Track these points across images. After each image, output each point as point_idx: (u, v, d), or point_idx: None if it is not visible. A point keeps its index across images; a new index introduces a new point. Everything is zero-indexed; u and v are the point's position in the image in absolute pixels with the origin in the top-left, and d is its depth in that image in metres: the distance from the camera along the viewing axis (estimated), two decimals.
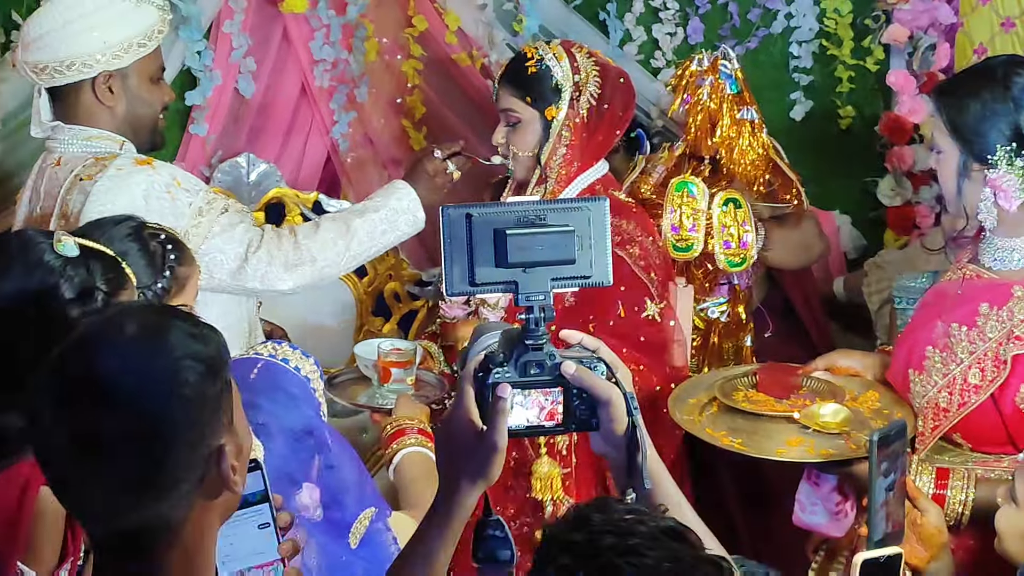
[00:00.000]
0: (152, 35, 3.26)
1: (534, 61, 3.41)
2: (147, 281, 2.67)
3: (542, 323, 1.80)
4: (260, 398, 2.24)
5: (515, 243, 1.78)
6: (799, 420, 2.94)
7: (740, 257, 3.49)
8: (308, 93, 4.46)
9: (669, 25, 4.50)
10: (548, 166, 3.43)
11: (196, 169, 4.37)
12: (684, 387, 3.21)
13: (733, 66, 3.52)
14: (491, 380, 1.78)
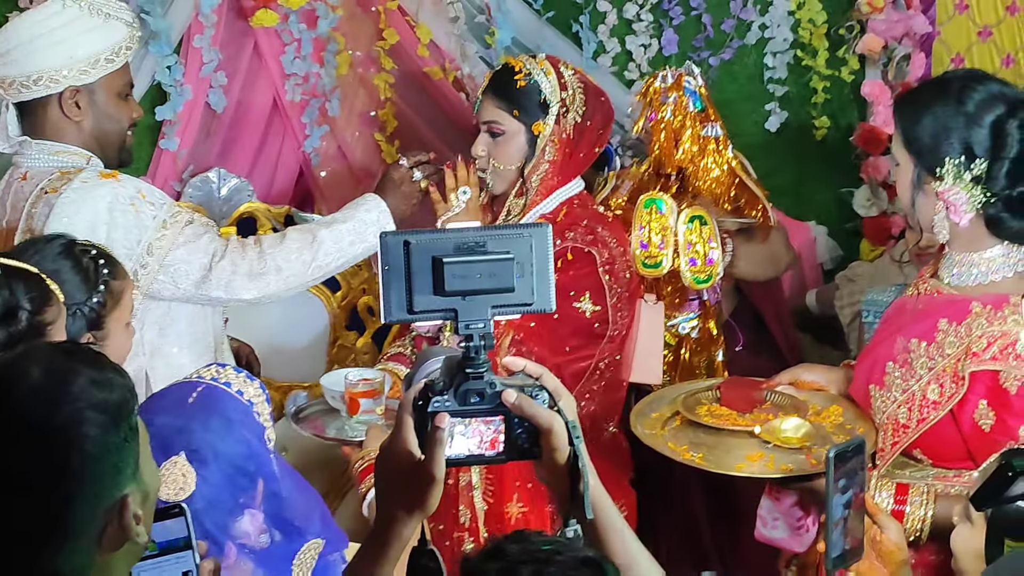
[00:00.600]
0: (120, 51, 3.29)
1: (523, 75, 3.45)
2: (82, 297, 2.72)
3: (482, 351, 1.79)
4: (195, 423, 2.23)
5: (453, 271, 1.78)
6: (760, 435, 2.96)
7: (706, 274, 3.51)
8: (280, 107, 4.49)
9: (643, 37, 4.54)
10: (529, 180, 3.47)
11: (167, 184, 4.40)
12: (647, 401, 3.24)
13: (697, 82, 3.55)
14: (430, 409, 1.78)
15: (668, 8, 4.50)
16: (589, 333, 3.43)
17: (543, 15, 4.48)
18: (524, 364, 1.85)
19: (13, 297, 2.35)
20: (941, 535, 2.67)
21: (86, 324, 2.75)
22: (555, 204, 3.49)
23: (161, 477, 2.11)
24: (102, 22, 3.25)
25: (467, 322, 1.79)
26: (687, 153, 3.54)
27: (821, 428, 2.99)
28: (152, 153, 4.42)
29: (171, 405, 2.29)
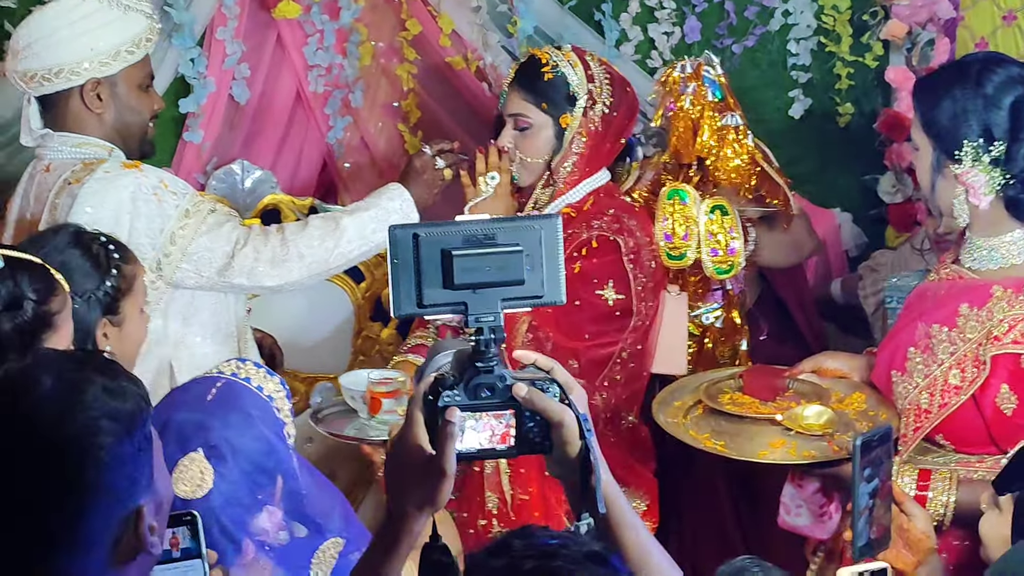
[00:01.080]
0: (140, 43, 3.34)
1: (550, 67, 3.50)
2: (94, 283, 2.77)
3: (493, 345, 1.80)
4: (214, 419, 2.24)
5: (462, 264, 1.78)
6: (782, 422, 3.01)
7: (728, 264, 3.54)
8: (303, 99, 4.51)
9: (666, 24, 4.53)
10: (557, 172, 3.53)
11: (191, 176, 4.43)
12: (670, 389, 3.30)
13: (716, 72, 3.57)
14: (441, 403, 1.78)
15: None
16: (610, 321, 3.47)
17: (565, 4, 4.48)
18: (536, 357, 1.86)
19: (18, 288, 2.39)
20: (964, 521, 2.72)
21: (101, 310, 2.80)
22: (582, 194, 3.55)
23: (178, 474, 2.17)
24: (122, 14, 3.31)
25: (477, 315, 1.80)
26: (706, 143, 3.56)
27: (844, 415, 3.04)
28: (176, 145, 4.45)
29: (191, 401, 2.30)
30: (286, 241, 3.33)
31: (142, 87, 3.40)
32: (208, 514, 2.16)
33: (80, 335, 2.73)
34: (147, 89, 3.43)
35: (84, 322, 2.75)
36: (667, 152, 3.70)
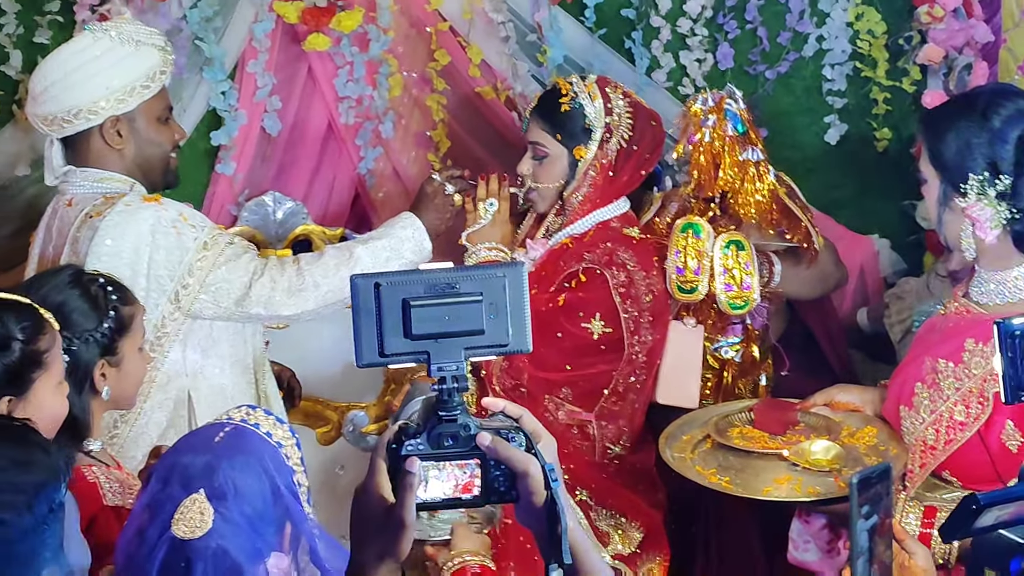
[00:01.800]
0: (154, 76, 3.45)
1: (568, 99, 3.58)
2: (92, 324, 2.85)
3: (455, 394, 1.79)
4: (219, 461, 2.26)
5: (421, 314, 1.79)
6: (789, 457, 3.04)
7: (742, 300, 3.57)
8: (334, 130, 4.59)
9: (698, 51, 4.55)
10: (569, 201, 3.60)
11: (224, 208, 4.56)
12: (679, 423, 3.34)
13: (739, 105, 3.60)
14: (402, 452, 1.78)
15: (723, 22, 4.52)
16: (596, 353, 3.53)
17: (595, 32, 4.52)
18: (504, 405, 1.86)
19: (4, 328, 2.43)
20: None
21: (99, 350, 2.87)
22: (589, 225, 3.61)
23: (179, 514, 2.21)
24: (134, 50, 3.41)
25: (439, 364, 1.80)
26: (727, 177, 3.58)
27: (853, 450, 3.07)
28: (209, 177, 4.56)
29: (198, 444, 2.34)
30: (302, 271, 3.44)
31: (161, 119, 3.51)
32: (206, 554, 2.20)
33: (79, 375, 2.81)
34: (166, 121, 3.53)
35: (82, 362, 2.83)
36: (690, 184, 3.72)
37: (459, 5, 4.44)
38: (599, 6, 4.52)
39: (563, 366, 3.51)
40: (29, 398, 2.46)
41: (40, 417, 2.45)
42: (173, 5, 4.27)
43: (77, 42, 3.45)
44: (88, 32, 3.44)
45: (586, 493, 3.51)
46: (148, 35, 3.46)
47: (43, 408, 2.50)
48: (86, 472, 2.78)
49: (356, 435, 4.58)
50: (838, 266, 3.93)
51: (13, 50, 4.37)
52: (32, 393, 2.47)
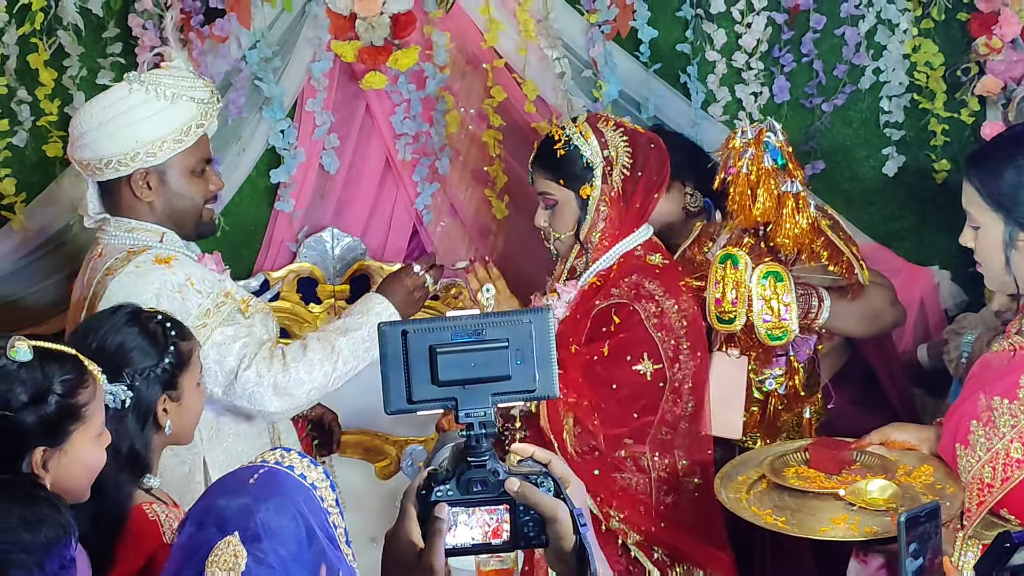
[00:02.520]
0: (189, 131, 3.47)
1: (562, 143, 3.63)
2: (152, 361, 2.93)
3: (484, 439, 1.84)
4: (254, 503, 2.28)
5: (447, 360, 1.83)
6: (845, 497, 3.08)
7: (780, 330, 3.59)
8: (392, 166, 4.69)
9: (754, 85, 4.60)
10: (588, 241, 3.66)
11: (283, 244, 4.67)
12: (734, 464, 3.38)
13: (778, 139, 3.62)
14: (432, 499, 1.82)
15: (778, 55, 4.57)
16: (654, 393, 3.57)
17: (650, 67, 4.60)
18: (532, 450, 1.92)
19: (45, 380, 2.45)
20: None
21: (161, 386, 2.94)
22: (614, 259, 3.66)
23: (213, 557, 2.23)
24: (168, 104, 3.44)
25: (467, 410, 1.84)
26: (763, 209, 3.60)
27: (910, 489, 3.10)
28: (268, 215, 4.67)
29: (232, 486, 2.36)
30: (288, 368, 3.44)
31: (195, 172, 3.53)
32: None
33: (142, 411, 2.89)
34: (201, 173, 3.55)
35: (144, 399, 2.90)
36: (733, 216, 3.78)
37: (514, 42, 4.53)
38: (654, 41, 4.59)
39: (629, 416, 3.55)
40: (65, 449, 2.48)
41: (76, 469, 2.51)
42: (232, 46, 4.38)
43: (113, 92, 3.49)
44: (125, 83, 3.48)
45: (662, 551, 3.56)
46: (188, 87, 3.48)
47: (80, 460, 2.52)
48: (147, 509, 2.82)
49: (415, 469, 4.62)
50: (895, 305, 3.93)
51: (77, 92, 4.48)
52: (69, 444, 2.49)
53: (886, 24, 4.54)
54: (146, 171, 3.46)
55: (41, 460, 2.42)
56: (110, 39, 4.49)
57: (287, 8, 4.44)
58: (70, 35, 4.45)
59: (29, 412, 2.42)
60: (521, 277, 3.96)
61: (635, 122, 4.41)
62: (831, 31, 4.56)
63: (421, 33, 4.48)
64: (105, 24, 4.48)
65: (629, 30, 4.56)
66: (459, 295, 4.68)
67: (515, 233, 4.67)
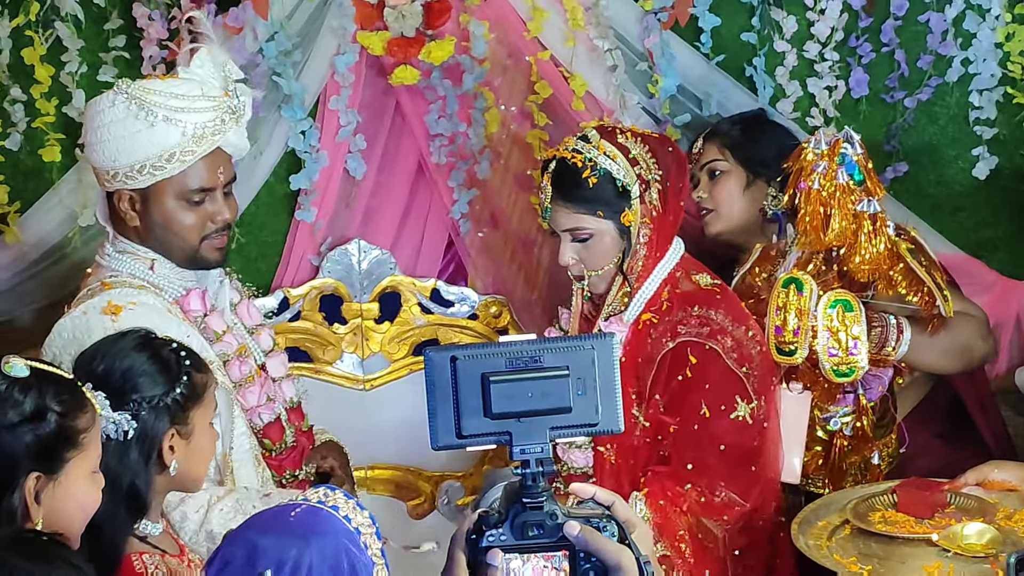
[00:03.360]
0: (171, 158, 3.27)
1: (589, 169, 3.45)
2: (162, 389, 2.82)
3: (541, 478, 1.77)
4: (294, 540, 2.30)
5: (502, 391, 1.76)
6: (939, 542, 3.00)
7: (847, 366, 3.44)
8: (425, 171, 4.59)
9: (828, 78, 4.45)
10: (631, 271, 3.51)
11: (304, 258, 4.57)
12: (814, 507, 3.30)
13: (856, 151, 3.46)
14: (483, 544, 1.76)
15: (856, 45, 4.42)
16: (760, 434, 3.46)
17: (712, 59, 4.45)
18: (594, 491, 1.83)
19: (42, 399, 2.41)
20: None
21: (169, 419, 2.83)
22: (657, 284, 3.52)
23: None
24: (146, 127, 3.25)
25: (522, 446, 1.77)
26: (839, 230, 3.44)
27: (1012, 533, 3.03)
28: (288, 225, 4.57)
29: (269, 521, 2.38)
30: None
31: (188, 201, 3.35)
32: None
33: (146, 445, 2.79)
34: (198, 203, 3.35)
35: (150, 431, 2.80)
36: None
37: (561, 32, 4.40)
38: (716, 30, 4.46)
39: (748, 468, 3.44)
40: (60, 480, 2.43)
41: (71, 506, 2.47)
42: (248, 38, 4.28)
43: (99, 100, 3.33)
44: (112, 92, 3.30)
45: None
46: (178, 109, 3.27)
47: (74, 495, 2.47)
48: (135, 561, 2.76)
49: (451, 508, 4.53)
50: (985, 339, 3.73)
51: (76, 90, 4.43)
52: (64, 475, 2.44)
53: (976, 10, 4.38)
54: (129, 192, 3.31)
55: (35, 488, 2.38)
56: (113, 31, 4.43)
57: None
58: (69, 27, 4.40)
59: (25, 430, 2.39)
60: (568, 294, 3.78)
61: (695, 119, 4.44)
62: (914, 18, 4.41)
63: (457, 23, 4.37)
64: (107, 15, 4.43)
65: (688, 18, 4.42)
66: (499, 314, 4.54)
67: None
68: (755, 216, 4.02)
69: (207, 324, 3.39)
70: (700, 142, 4.14)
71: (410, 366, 4.58)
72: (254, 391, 3.45)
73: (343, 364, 4.56)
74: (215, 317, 3.41)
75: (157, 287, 3.36)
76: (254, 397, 3.45)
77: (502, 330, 4.54)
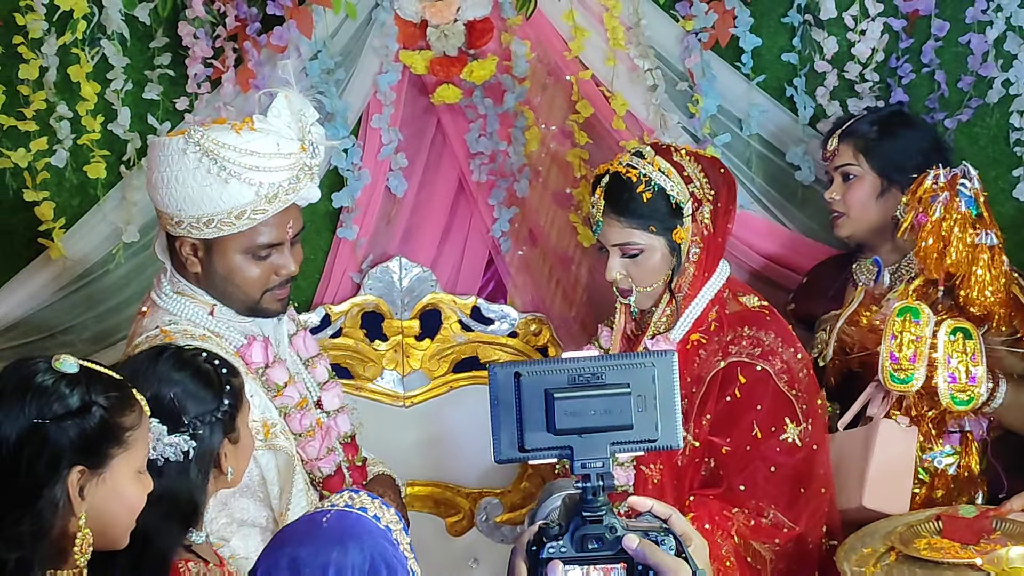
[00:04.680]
0: (243, 216, 3.24)
1: (643, 185, 3.51)
2: (213, 404, 2.86)
3: (601, 492, 1.83)
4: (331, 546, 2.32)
5: (565, 407, 1.83)
6: (983, 567, 3.02)
7: (968, 395, 3.51)
8: (465, 189, 4.62)
9: (868, 99, 4.46)
10: (679, 289, 3.55)
11: (345, 275, 4.60)
12: (859, 535, 3.32)
13: (973, 185, 3.55)
14: (543, 555, 1.82)
15: (896, 66, 4.44)
16: (810, 457, 3.50)
17: (753, 79, 4.48)
18: (651, 504, 1.89)
19: (89, 394, 2.43)
20: None
21: (222, 431, 2.88)
22: (704, 304, 3.58)
23: None
24: (219, 183, 3.20)
25: (583, 460, 1.83)
26: (956, 260, 3.54)
27: None
28: (330, 242, 4.61)
29: (303, 530, 2.40)
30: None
31: (255, 256, 3.33)
32: None
33: (206, 460, 2.83)
34: (264, 258, 3.33)
35: (208, 445, 2.84)
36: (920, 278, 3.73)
37: (602, 52, 4.43)
38: (757, 50, 4.49)
39: (798, 491, 3.48)
40: (105, 478, 2.45)
41: (116, 505, 2.48)
42: (292, 56, 4.30)
43: (170, 144, 3.24)
44: (183, 138, 3.23)
45: None
46: (251, 167, 3.20)
47: (119, 494, 2.48)
48: (181, 568, 2.80)
49: (490, 525, 4.59)
50: None
51: (122, 107, 4.45)
52: (109, 472, 2.46)
53: (1017, 31, 4.39)
54: (192, 240, 3.29)
55: (79, 483, 2.40)
56: (158, 49, 4.46)
57: (351, 15, 4.36)
58: (115, 45, 4.43)
59: (70, 424, 2.40)
60: (609, 312, 3.84)
61: (735, 140, 4.46)
62: (955, 39, 4.43)
63: (498, 42, 4.42)
64: (152, 33, 4.46)
65: (729, 38, 4.45)
66: (539, 332, 4.60)
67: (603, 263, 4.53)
68: (887, 222, 4.00)
69: (268, 376, 3.38)
70: (835, 141, 4.11)
71: (450, 383, 4.61)
72: (315, 444, 3.45)
73: (383, 381, 4.59)
74: (277, 369, 3.40)
75: (218, 335, 3.34)
76: (314, 450, 3.45)
77: (542, 348, 4.57)
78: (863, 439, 3.60)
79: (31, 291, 4.54)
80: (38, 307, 4.56)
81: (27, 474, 2.36)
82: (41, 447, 2.37)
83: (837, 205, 4.06)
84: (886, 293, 3.80)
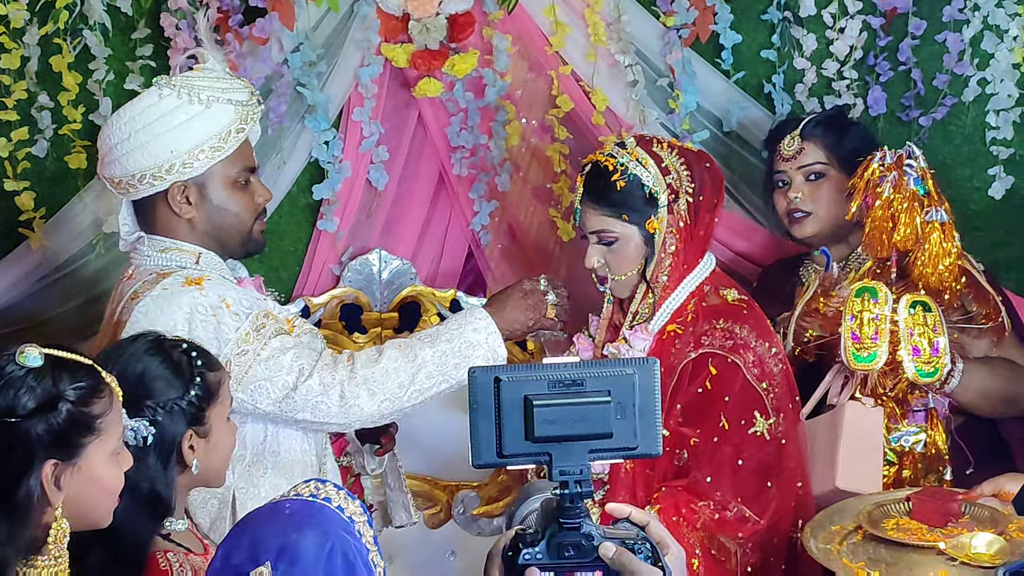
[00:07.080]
0: (227, 136, 3.47)
1: (619, 173, 3.61)
2: (177, 393, 2.90)
3: (579, 500, 1.88)
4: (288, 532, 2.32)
5: (544, 415, 1.87)
6: (946, 551, 3.07)
7: (932, 366, 3.60)
8: (446, 183, 4.69)
9: (846, 96, 4.56)
10: (655, 280, 3.64)
11: (326, 267, 4.67)
12: (828, 512, 3.38)
13: (919, 165, 3.64)
14: (520, 562, 1.88)
15: (874, 64, 4.54)
16: (778, 451, 3.57)
17: (732, 76, 4.58)
18: (629, 511, 1.94)
19: (55, 387, 2.43)
20: None
21: (186, 421, 2.91)
22: (684, 296, 3.67)
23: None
24: (203, 109, 3.45)
25: (561, 468, 1.88)
26: (905, 236, 3.63)
27: (1021, 545, 3.08)
28: (310, 234, 4.68)
29: (265, 516, 2.41)
30: (355, 373, 3.41)
31: (238, 183, 3.54)
32: None
33: (165, 448, 2.87)
34: (245, 184, 3.55)
35: (168, 435, 2.87)
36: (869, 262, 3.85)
37: (582, 47, 4.52)
38: (737, 47, 4.59)
39: (764, 485, 3.54)
40: (80, 466, 2.47)
41: (93, 490, 2.51)
42: (274, 48, 4.39)
43: (142, 100, 3.49)
44: (155, 88, 3.48)
45: None
46: (223, 89, 3.48)
47: (96, 480, 2.51)
48: (160, 559, 2.82)
49: (467, 518, 4.65)
50: None
51: (103, 97, 4.51)
52: (83, 460, 2.47)
53: (993, 30, 4.48)
54: (184, 184, 3.46)
55: (53, 475, 2.42)
56: (140, 40, 4.52)
57: (333, 8, 4.45)
58: (96, 35, 4.49)
59: (37, 420, 2.41)
60: (588, 307, 3.95)
61: (713, 137, 4.53)
62: (932, 37, 4.52)
63: (480, 36, 4.50)
64: (135, 24, 4.51)
65: (709, 35, 4.55)
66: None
67: (582, 257, 4.60)
68: (843, 220, 4.05)
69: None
70: (796, 141, 4.15)
71: None
72: None
73: None
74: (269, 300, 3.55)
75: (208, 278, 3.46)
76: None
77: (520, 341, 4.60)
78: (830, 423, 3.68)
79: (11, 281, 4.60)
80: (18, 297, 4.62)
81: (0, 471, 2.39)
82: (11, 444, 2.39)
83: (802, 204, 4.12)
84: (836, 283, 3.87)
